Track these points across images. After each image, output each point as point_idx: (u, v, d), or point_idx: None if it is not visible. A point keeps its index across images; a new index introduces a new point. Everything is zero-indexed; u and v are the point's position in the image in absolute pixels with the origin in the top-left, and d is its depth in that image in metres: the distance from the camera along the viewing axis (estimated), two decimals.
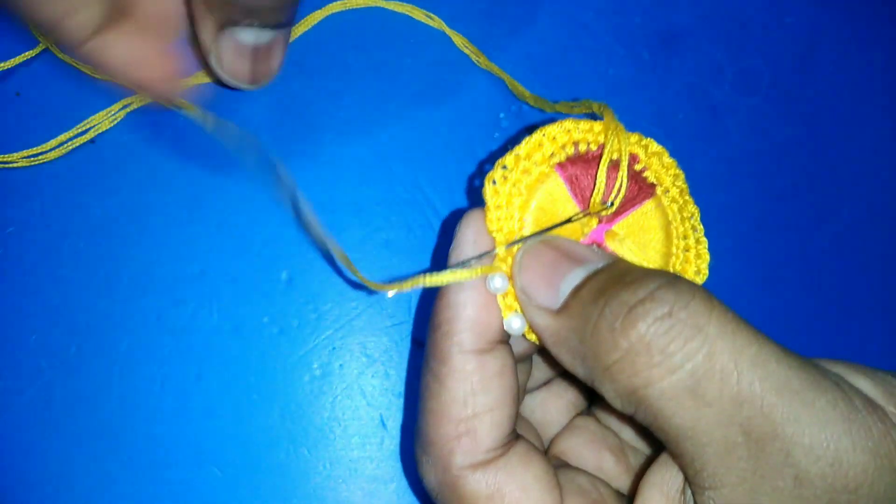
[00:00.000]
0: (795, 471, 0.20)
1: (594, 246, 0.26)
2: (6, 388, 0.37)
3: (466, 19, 0.42)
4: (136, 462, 0.37)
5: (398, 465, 0.38)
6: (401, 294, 0.40)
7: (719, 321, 0.21)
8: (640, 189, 0.30)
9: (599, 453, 0.30)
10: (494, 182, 0.28)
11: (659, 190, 0.30)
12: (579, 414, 0.33)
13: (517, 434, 0.27)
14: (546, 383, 0.34)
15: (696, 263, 0.29)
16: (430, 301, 0.40)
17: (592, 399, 0.34)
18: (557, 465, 0.29)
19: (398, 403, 0.39)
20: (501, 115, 0.42)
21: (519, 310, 0.27)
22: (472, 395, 0.25)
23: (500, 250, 0.27)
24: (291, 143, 0.40)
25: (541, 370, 0.33)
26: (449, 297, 0.26)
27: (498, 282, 0.26)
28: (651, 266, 0.28)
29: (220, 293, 0.39)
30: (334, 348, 0.39)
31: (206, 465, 0.37)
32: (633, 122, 0.43)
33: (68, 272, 0.38)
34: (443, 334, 0.25)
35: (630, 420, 0.30)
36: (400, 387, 0.39)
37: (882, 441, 0.20)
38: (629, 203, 0.29)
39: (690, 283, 0.22)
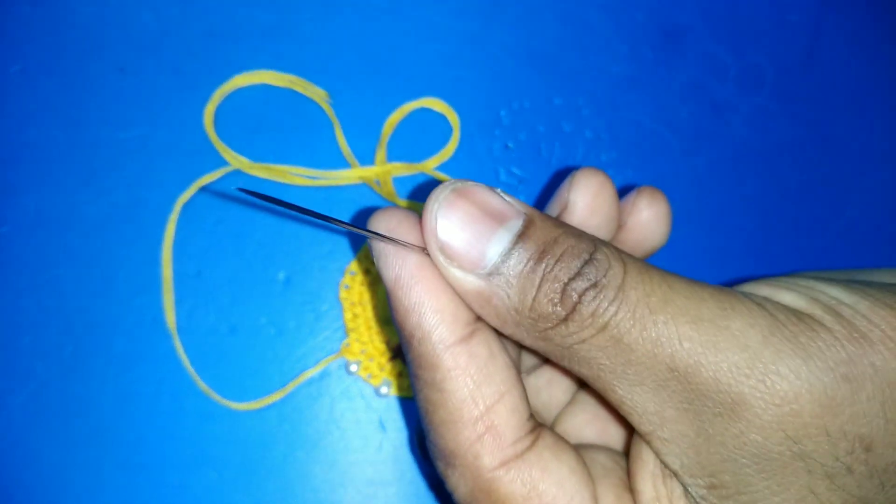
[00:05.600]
0: (728, 395, 0.21)
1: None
2: (1, 389, 0.37)
3: (468, 15, 0.42)
4: (131, 464, 0.37)
5: (397, 468, 0.38)
6: None
7: (632, 275, 0.23)
8: None
9: (604, 427, 0.30)
10: (347, 286, 0.34)
11: None
12: (581, 387, 0.33)
13: (538, 421, 0.26)
14: (546, 362, 0.33)
15: None
16: None
17: None
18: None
19: (397, 406, 0.39)
20: (502, 112, 0.42)
21: None
22: (476, 388, 0.24)
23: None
24: (291, 142, 0.40)
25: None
26: (403, 304, 0.24)
27: None
28: None
29: (217, 294, 0.38)
30: (332, 349, 0.39)
31: (203, 468, 0.37)
32: (636, 120, 0.42)
33: (63, 272, 0.38)
34: (420, 341, 0.24)
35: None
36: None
37: (811, 346, 0.21)
38: None
39: (604, 248, 0.23)
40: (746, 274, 0.42)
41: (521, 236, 0.24)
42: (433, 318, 0.24)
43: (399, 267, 0.24)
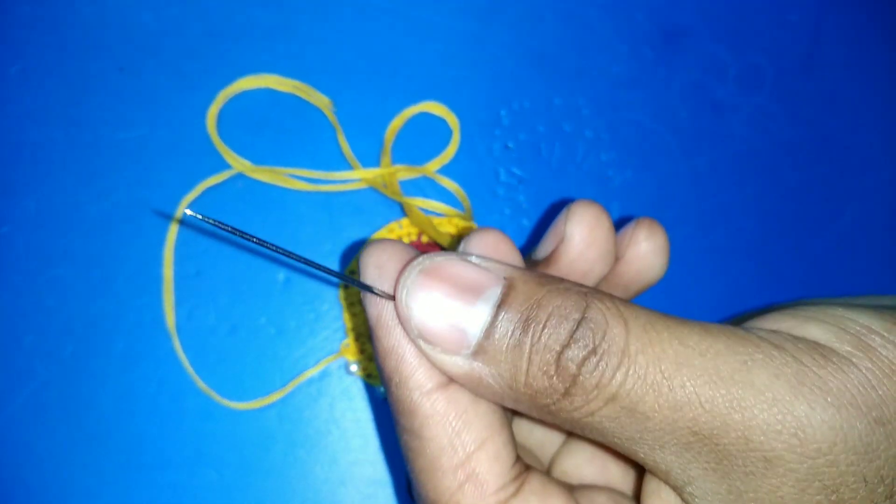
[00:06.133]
0: (761, 453, 0.20)
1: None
2: (1, 390, 0.37)
3: (468, 15, 0.42)
4: (132, 464, 0.37)
5: (397, 467, 0.38)
6: None
7: (636, 335, 0.21)
8: None
9: (604, 466, 0.29)
10: (347, 286, 0.36)
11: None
12: None
13: (526, 465, 0.25)
14: None
15: None
16: None
17: None
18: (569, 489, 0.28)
19: None
20: (502, 112, 0.42)
21: None
22: (455, 436, 0.23)
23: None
24: (294, 145, 0.40)
25: None
26: (383, 344, 0.23)
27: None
28: None
29: (217, 294, 0.38)
30: (332, 350, 0.39)
31: (203, 467, 0.37)
32: (636, 120, 0.42)
33: (64, 272, 0.38)
34: (397, 385, 0.23)
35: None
36: None
37: (842, 391, 0.20)
38: None
39: (598, 303, 0.21)
40: (745, 273, 0.42)
41: (502, 305, 0.22)
42: (412, 361, 0.23)
43: (381, 306, 0.23)
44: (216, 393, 0.38)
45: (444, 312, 0.22)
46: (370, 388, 0.39)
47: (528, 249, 0.41)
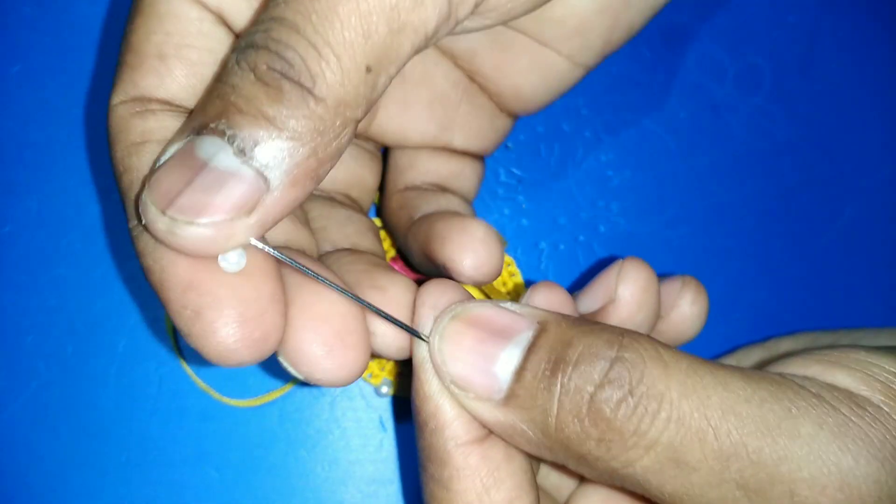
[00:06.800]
0: None
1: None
2: (3, 389, 0.37)
3: None
4: (133, 463, 0.37)
5: (397, 467, 0.38)
6: None
7: (677, 379, 0.20)
8: None
9: None
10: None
11: None
12: None
13: None
14: None
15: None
16: None
17: None
18: None
19: (397, 405, 0.39)
20: None
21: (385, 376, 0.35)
22: (485, 492, 0.22)
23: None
24: None
25: None
26: (424, 389, 0.22)
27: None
28: None
29: None
30: None
31: (204, 467, 0.37)
32: (634, 121, 0.43)
33: (65, 271, 0.38)
34: (432, 432, 0.22)
35: None
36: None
37: (884, 443, 0.20)
38: None
39: (634, 343, 0.21)
40: (744, 274, 0.42)
41: (532, 347, 0.21)
42: (451, 411, 0.22)
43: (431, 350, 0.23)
44: (216, 391, 0.38)
45: (475, 357, 0.22)
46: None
47: (526, 250, 0.41)
